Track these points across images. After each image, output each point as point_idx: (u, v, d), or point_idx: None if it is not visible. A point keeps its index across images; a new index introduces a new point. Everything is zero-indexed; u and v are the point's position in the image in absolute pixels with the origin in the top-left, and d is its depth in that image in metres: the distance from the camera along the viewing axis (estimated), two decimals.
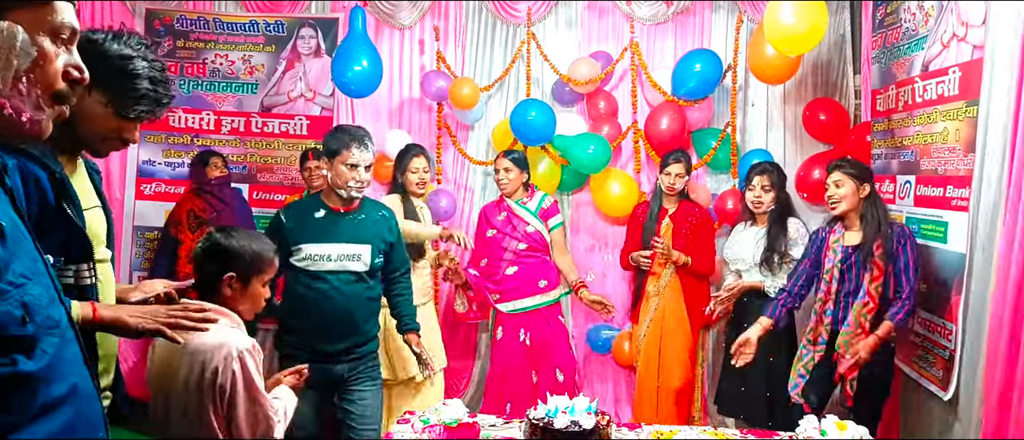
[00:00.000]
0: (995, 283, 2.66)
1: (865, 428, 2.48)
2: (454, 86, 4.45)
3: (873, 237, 3.03)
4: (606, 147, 4.32)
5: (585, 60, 4.52)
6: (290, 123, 4.87)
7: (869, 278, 3.01)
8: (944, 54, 3.11)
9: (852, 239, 3.12)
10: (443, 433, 2.44)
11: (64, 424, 1.00)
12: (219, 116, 4.89)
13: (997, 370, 2.55)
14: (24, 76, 0.98)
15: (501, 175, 3.93)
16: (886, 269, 3.01)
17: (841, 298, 3.11)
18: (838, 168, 3.14)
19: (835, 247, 3.14)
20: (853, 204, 3.10)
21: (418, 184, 3.74)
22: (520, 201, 3.98)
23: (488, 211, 4.07)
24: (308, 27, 4.85)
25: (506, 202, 3.99)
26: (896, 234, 3.03)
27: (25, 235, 1.05)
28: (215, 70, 4.88)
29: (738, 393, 3.61)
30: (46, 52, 1.00)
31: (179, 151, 4.89)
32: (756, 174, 3.65)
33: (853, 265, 3.09)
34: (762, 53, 4.02)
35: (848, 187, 3.09)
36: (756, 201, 3.62)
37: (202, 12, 4.90)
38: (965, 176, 2.92)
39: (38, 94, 1.00)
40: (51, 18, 1.00)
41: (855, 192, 3.09)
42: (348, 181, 2.83)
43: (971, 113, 2.88)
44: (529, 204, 3.99)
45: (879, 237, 3.02)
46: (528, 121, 4.22)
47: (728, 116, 4.45)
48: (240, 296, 2.00)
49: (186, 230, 4.16)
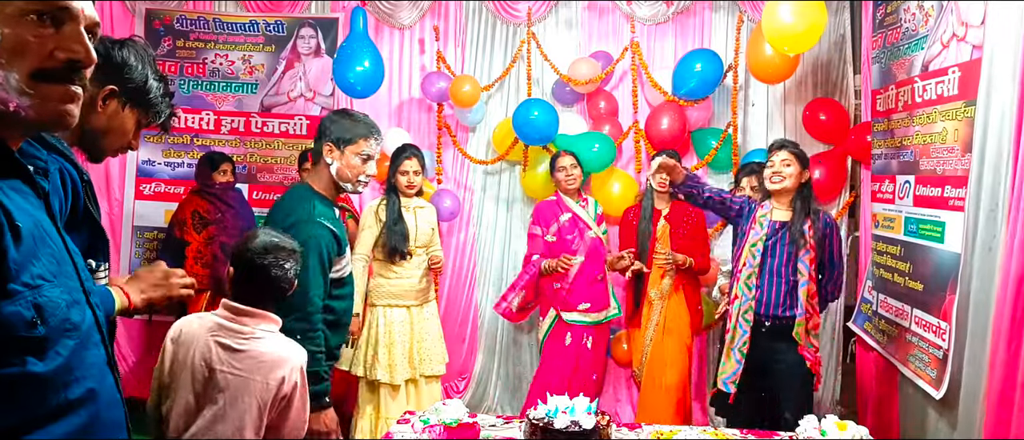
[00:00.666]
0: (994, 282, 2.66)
1: (865, 428, 2.48)
2: (455, 84, 4.45)
3: (803, 217, 3.14)
4: (611, 145, 4.32)
5: (585, 60, 4.52)
6: (290, 123, 4.87)
7: (807, 258, 3.11)
8: (944, 54, 3.11)
9: (780, 215, 3.20)
10: (443, 433, 2.44)
11: (78, 427, 0.99)
12: (219, 116, 4.89)
13: (997, 370, 2.55)
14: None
15: (569, 172, 3.88)
16: (818, 252, 3.13)
17: (766, 273, 3.17)
18: (785, 147, 3.21)
19: (762, 220, 3.21)
20: (794, 186, 3.18)
21: (408, 186, 3.69)
22: (579, 203, 3.98)
23: (547, 210, 3.98)
24: (308, 27, 4.85)
25: (566, 202, 3.95)
26: (824, 219, 3.20)
27: (54, 237, 1.04)
28: (215, 70, 4.88)
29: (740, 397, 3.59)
30: (18, 34, 0.96)
31: (179, 151, 4.89)
32: (745, 175, 3.67)
33: (779, 241, 3.16)
34: (761, 52, 4.02)
35: (795, 168, 3.17)
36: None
37: (202, 12, 4.90)
38: (962, 176, 2.92)
39: (17, 78, 0.96)
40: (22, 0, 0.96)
41: (799, 175, 3.17)
42: (359, 175, 2.48)
43: (970, 113, 2.87)
44: (587, 209, 3.99)
45: (809, 217, 3.14)
46: (531, 120, 4.22)
47: (729, 116, 4.45)
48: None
49: (192, 231, 4.16)
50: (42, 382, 0.95)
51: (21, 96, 0.97)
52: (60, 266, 1.02)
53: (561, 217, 3.93)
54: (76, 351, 1.00)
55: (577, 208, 3.94)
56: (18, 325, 0.93)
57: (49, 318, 0.96)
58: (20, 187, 1.01)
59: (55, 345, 0.97)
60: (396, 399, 3.63)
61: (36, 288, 0.95)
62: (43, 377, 0.95)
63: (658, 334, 3.86)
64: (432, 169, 4.66)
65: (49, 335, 0.96)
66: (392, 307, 3.65)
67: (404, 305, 3.66)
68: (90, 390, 1.02)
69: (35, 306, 0.95)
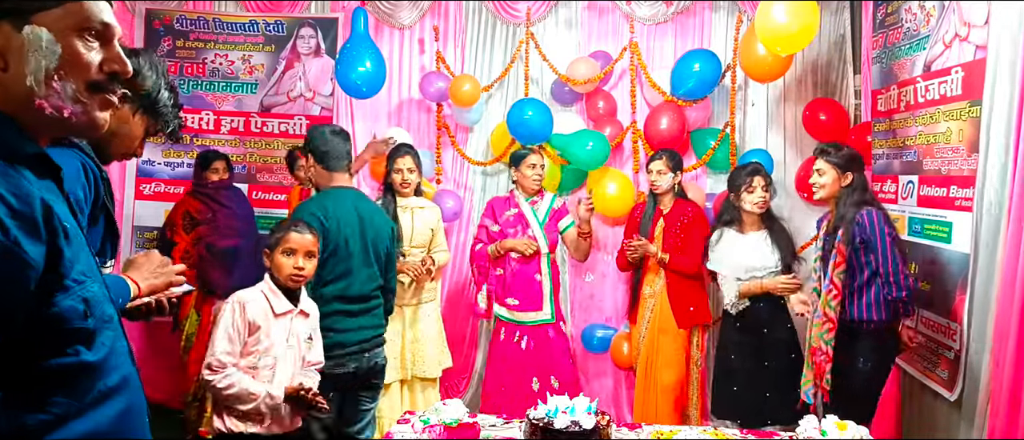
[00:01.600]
0: (1001, 282, 2.65)
1: (865, 428, 2.47)
2: (454, 84, 4.44)
3: (839, 223, 3.01)
4: (604, 143, 4.31)
5: (584, 60, 4.51)
6: (290, 123, 4.86)
7: (833, 265, 2.98)
8: (946, 54, 3.10)
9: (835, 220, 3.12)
10: (443, 433, 2.44)
11: (119, 411, 1.09)
12: (219, 116, 4.88)
13: (1005, 370, 2.54)
14: (55, 74, 1.04)
15: (538, 171, 3.93)
16: (848, 256, 2.95)
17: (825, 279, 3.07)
18: (823, 154, 3.11)
19: (821, 235, 3.16)
20: (832, 192, 3.08)
21: (401, 184, 3.67)
22: (529, 200, 3.98)
23: (499, 205, 4.04)
24: (308, 27, 4.85)
25: (518, 199, 3.98)
26: (860, 219, 2.94)
27: (82, 237, 1.12)
28: (215, 70, 4.87)
29: (732, 395, 3.60)
30: (75, 49, 1.05)
31: (179, 151, 4.88)
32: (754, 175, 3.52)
33: (827, 253, 3.07)
34: (754, 51, 4.02)
35: (829, 176, 3.06)
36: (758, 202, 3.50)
37: (202, 12, 4.89)
38: (969, 176, 2.91)
39: (74, 88, 1.06)
40: (77, 16, 1.06)
41: (836, 181, 3.05)
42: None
43: (974, 113, 2.87)
44: (537, 207, 3.98)
45: (843, 223, 2.98)
46: (525, 120, 4.21)
47: (727, 116, 4.44)
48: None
49: (181, 231, 4.08)
50: (93, 370, 1.05)
51: (75, 104, 1.07)
52: (89, 262, 1.10)
53: (507, 212, 3.97)
54: (113, 341, 1.10)
55: (525, 205, 3.96)
56: (73, 318, 1.02)
57: (94, 310, 1.06)
58: (52, 188, 1.09)
59: (100, 335, 1.07)
60: (389, 398, 3.61)
61: (82, 283, 1.04)
62: (93, 365, 1.05)
63: (652, 333, 3.85)
64: (432, 169, 4.65)
65: (96, 327, 1.06)
66: None
67: (396, 305, 3.63)
68: (124, 377, 1.11)
69: (84, 300, 1.04)
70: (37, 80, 1.03)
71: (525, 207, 3.96)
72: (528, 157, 3.95)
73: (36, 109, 1.04)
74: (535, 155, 3.95)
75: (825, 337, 2.98)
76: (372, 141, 4.28)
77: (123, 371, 1.12)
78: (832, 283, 2.97)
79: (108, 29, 1.10)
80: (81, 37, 1.06)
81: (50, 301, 0.99)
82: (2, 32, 1.02)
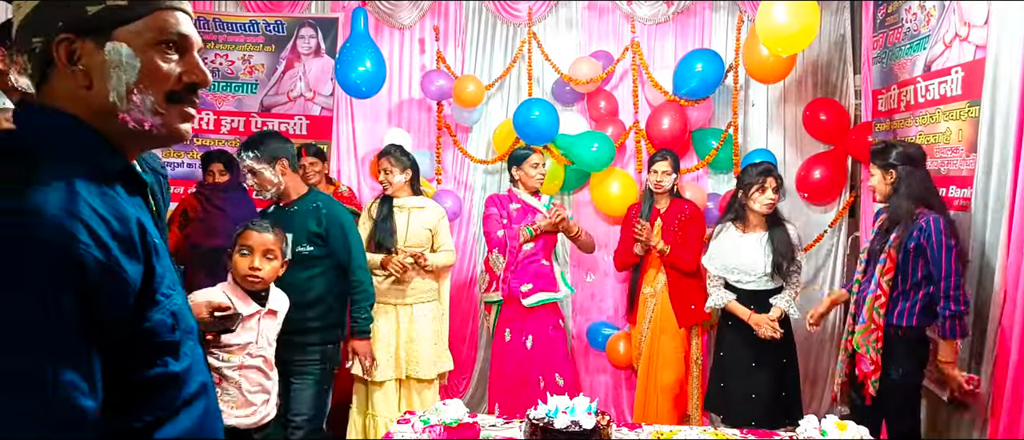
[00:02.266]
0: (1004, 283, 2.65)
1: (865, 428, 2.47)
2: (458, 84, 4.44)
3: (892, 225, 2.89)
4: (610, 145, 4.31)
5: (586, 60, 4.51)
6: (290, 123, 4.86)
7: (881, 269, 2.87)
8: (946, 54, 3.10)
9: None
10: (443, 433, 2.44)
11: (199, 415, 1.11)
12: (219, 116, 4.88)
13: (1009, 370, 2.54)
14: (135, 88, 1.06)
15: (541, 170, 3.89)
16: (899, 260, 2.84)
17: (862, 287, 2.99)
18: (875, 158, 3.00)
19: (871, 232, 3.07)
20: (886, 193, 2.96)
21: (383, 184, 3.69)
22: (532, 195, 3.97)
23: (498, 200, 3.99)
24: (308, 27, 4.85)
25: (519, 195, 3.94)
26: (920, 224, 2.79)
27: (166, 250, 1.14)
28: (215, 70, 4.87)
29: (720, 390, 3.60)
30: (153, 62, 1.08)
31: (179, 151, 4.88)
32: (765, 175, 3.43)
33: (875, 254, 2.96)
34: (757, 52, 4.02)
35: (876, 177, 2.99)
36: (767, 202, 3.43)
37: (202, 12, 4.89)
38: (967, 176, 2.91)
39: (153, 101, 1.08)
40: (155, 29, 1.08)
41: (882, 180, 2.97)
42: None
43: (974, 113, 2.87)
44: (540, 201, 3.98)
45: (897, 225, 2.85)
46: (532, 120, 4.21)
47: (729, 116, 4.45)
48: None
49: (175, 228, 4.10)
50: (177, 379, 1.08)
51: (155, 116, 1.09)
52: (172, 275, 1.12)
53: (511, 205, 3.92)
54: (194, 349, 1.13)
55: (528, 198, 3.92)
56: (163, 331, 1.04)
57: (180, 322, 1.09)
58: (140, 204, 1.11)
59: (184, 346, 1.09)
60: (385, 396, 3.60)
61: (169, 297, 1.07)
62: (179, 375, 1.08)
63: (653, 332, 3.86)
64: (432, 169, 4.65)
65: (181, 338, 1.08)
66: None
67: (388, 303, 3.62)
68: (203, 383, 1.14)
69: (172, 313, 1.07)
70: (119, 95, 1.05)
71: (529, 199, 3.95)
72: (531, 157, 3.94)
73: (119, 124, 1.07)
74: (537, 155, 3.94)
75: (873, 345, 2.89)
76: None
77: (202, 377, 1.14)
78: (880, 287, 2.86)
79: (186, 40, 1.11)
80: (159, 50, 1.08)
81: (144, 316, 1.02)
82: (85, 50, 1.04)
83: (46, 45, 1.04)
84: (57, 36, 1.03)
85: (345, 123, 4.86)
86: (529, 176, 3.90)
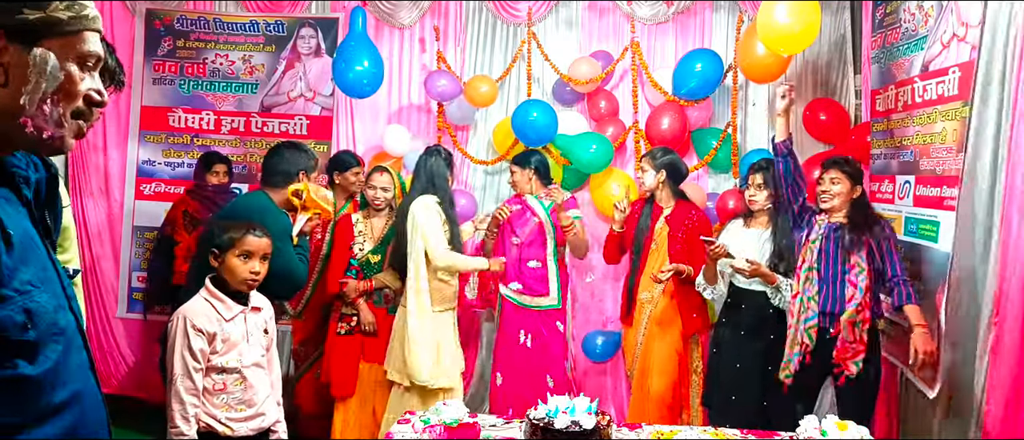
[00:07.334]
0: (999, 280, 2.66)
1: (865, 428, 2.48)
2: (470, 85, 4.46)
3: (861, 228, 3.08)
4: (608, 146, 4.31)
5: (586, 60, 4.52)
6: (290, 123, 4.87)
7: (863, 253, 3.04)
8: (944, 54, 3.11)
9: (838, 219, 3.17)
10: (443, 433, 2.44)
11: (66, 427, 1.05)
12: (219, 116, 4.89)
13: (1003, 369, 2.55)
14: (49, 97, 1.08)
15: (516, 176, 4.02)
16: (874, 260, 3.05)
17: (826, 277, 3.11)
18: (835, 165, 3.17)
19: (821, 223, 3.18)
20: (843, 203, 3.15)
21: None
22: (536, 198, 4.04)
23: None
24: (308, 27, 4.85)
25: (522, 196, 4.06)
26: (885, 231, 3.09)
27: (38, 244, 1.11)
28: (215, 70, 4.88)
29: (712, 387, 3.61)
30: (72, 76, 1.10)
31: (179, 151, 4.89)
32: (752, 172, 3.56)
33: (834, 241, 3.11)
34: (752, 51, 4.02)
35: (844, 186, 3.13)
36: (750, 199, 3.53)
37: (202, 12, 4.90)
38: (956, 176, 2.92)
39: (61, 114, 1.09)
40: (80, 46, 1.10)
41: (848, 192, 3.14)
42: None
43: (966, 113, 2.88)
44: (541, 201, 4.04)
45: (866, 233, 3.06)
46: (530, 121, 4.21)
47: (728, 116, 4.45)
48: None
49: (182, 230, 4.13)
50: (33, 384, 1.01)
51: (57, 127, 1.10)
52: (45, 272, 1.08)
53: (513, 206, 4.01)
54: (63, 355, 1.06)
55: (531, 198, 4.01)
56: (10, 329, 0.99)
57: (39, 322, 1.03)
58: (8, 196, 1.09)
59: (45, 349, 1.03)
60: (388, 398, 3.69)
61: (26, 294, 1.02)
62: (34, 379, 1.02)
63: (647, 338, 3.83)
64: None
65: (39, 339, 1.02)
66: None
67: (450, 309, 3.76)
68: (75, 392, 1.08)
69: (26, 311, 1.01)
70: (31, 100, 1.06)
71: (531, 199, 3.97)
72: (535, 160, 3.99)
73: (15, 125, 1.06)
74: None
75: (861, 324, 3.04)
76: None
77: (74, 386, 1.09)
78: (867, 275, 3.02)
79: (98, 61, 1.14)
80: (81, 67, 1.11)
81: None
82: (12, 50, 1.05)
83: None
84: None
85: (345, 123, 4.87)
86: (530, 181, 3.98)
